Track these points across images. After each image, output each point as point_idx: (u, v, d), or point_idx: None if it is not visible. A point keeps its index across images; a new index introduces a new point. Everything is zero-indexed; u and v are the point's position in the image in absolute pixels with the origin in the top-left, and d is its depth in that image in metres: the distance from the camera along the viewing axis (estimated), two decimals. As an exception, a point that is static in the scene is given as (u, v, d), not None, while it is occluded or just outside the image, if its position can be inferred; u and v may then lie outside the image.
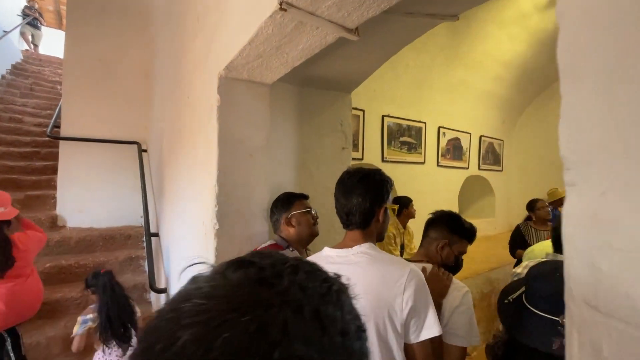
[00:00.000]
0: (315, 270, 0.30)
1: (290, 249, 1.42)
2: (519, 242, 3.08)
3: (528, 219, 3.21)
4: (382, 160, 4.01)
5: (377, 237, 1.01)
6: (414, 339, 0.85)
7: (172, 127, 2.29)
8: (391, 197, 1.03)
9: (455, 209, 5.09)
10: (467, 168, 5.30)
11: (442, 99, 4.66)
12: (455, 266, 1.27)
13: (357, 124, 3.71)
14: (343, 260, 0.92)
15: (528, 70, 5.28)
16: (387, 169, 3.89)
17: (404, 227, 2.99)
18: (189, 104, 1.83)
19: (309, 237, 1.48)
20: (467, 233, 1.31)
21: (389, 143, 4.07)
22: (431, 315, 0.86)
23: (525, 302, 0.91)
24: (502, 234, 5.81)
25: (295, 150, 1.85)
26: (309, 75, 1.76)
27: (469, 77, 4.76)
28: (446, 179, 4.92)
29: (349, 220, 0.98)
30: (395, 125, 4.16)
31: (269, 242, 1.46)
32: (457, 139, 5.06)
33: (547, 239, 2.11)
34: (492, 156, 5.88)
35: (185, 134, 1.88)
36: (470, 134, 5.26)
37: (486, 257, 4.02)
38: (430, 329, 0.85)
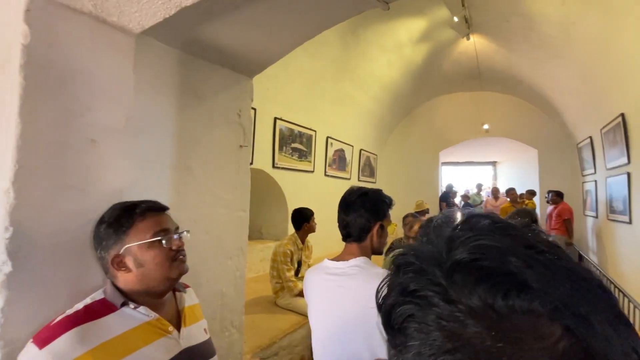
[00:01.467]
0: None
1: (132, 306, 0.76)
2: None
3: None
4: (273, 166, 3.68)
5: (374, 251, 1.09)
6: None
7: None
8: (388, 213, 1.12)
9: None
10: (349, 179, 5.56)
11: (332, 109, 4.73)
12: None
13: (248, 123, 3.27)
14: (340, 272, 1.02)
15: (399, 95, 6.01)
16: (278, 176, 3.56)
17: (303, 242, 2.71)
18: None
19: (163, 283, 0.80)
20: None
21: (280, 148, 3.78)
22: None
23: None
24: (375, 241, 6.33)
25: (170, 140, 1.30)
26: (198, 38, 1.27)
27: (355, 92, 5.01)
28: (332, 189, 4.99)
29: (347, 233, 1.07)
30: (288, 130, 3.91)
31: (89, 300, 0.75)
32: (342, 150, 5.23)
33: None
34: (368, 169, 6.40)
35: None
36: (352, 146, 5.54)
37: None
38: None
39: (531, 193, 6.12)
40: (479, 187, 8.01)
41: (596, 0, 3.04)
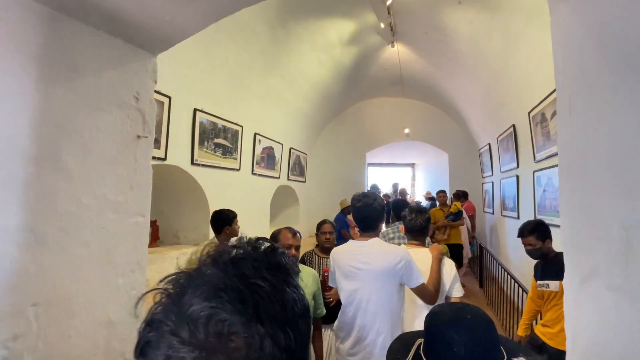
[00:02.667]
0: None
1: None
2: None
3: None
4: (192, 163, 3.30)
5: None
6: (412, 285, 1.59)
7: None
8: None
9: (266, 218, 5.00)
10: (279, 178, 5.38)
11: (260, 105, 4.49)
12: None
13: (161, 113, 2.85)
14: (367, 247, 1.64)
15: (329, 95, 6.05)
16: (198, 174, 3.19)
17: (221, 246, 2.44)
18: None
19: None
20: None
21: (201, 143, 3.41)
22: (415, 272, 1.59)
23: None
24: (304, 240, 6.27)
25: (29, 123, 0.97)
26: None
27: (285, 89, 4.86)
28: (260, 188, 4.75)
29: (366, 226, 1.71)
30: (210, 123, 3.56)
31: None
32: (271, 148, 5.03)
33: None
34: (298, 168, 6.31)
35: None
36: (282, 144, 5.38)
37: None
38: (418, 279, 1.58)
39: (457, 196, 5.95)
40: (395, 186, 8.60)
41: (497, 23, 3.44)
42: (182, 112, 3.16)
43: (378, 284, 1.57)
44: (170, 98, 2.94)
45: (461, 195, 6.06)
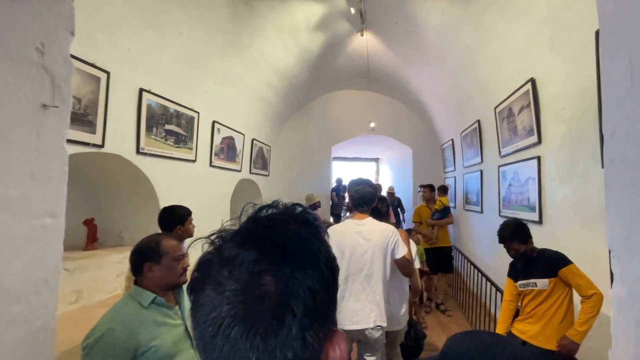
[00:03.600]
0: None
1: None
2: None
3: None
4: (137, 152, 2.84)
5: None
6: (397, 256, 1.92)
7: None
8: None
9: (226, 213, 4.61)
10: (240, 170, 4.99)
11: (219, 90, 4.07)
12: None
13: (96, 90, 2.37)
14: (363, 224, 1.93)
15: (293, 85, 5.73)
16: (145, 164, 2.73)
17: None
18: None
19: None
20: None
21: (148, 129, 2.95)
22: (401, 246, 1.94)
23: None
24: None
25: None
26: None
27: (246, 74, 4.47)
28: (219, 181, 4.34)
29: (362, 207, 2.00)
30: (160, 107, 3.10)
31: None
32: (231, 139, 4.62)
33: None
34: (261, 160, 5.94)
35: None
36: (244, 135, 4.99)
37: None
38: (401, 252, 1.92)
39: (443, 189, 5.12)
40: (338, 181, 8.56)
41: (470, 13, 3.38)
42: (125, 92, 2.69)
43: (378, 256, 1.87)
44: (108, 74, 2.47)
45: (446, 190, 5.19)
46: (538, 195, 2.84)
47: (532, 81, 2.88)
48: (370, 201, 2.00)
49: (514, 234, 1.92)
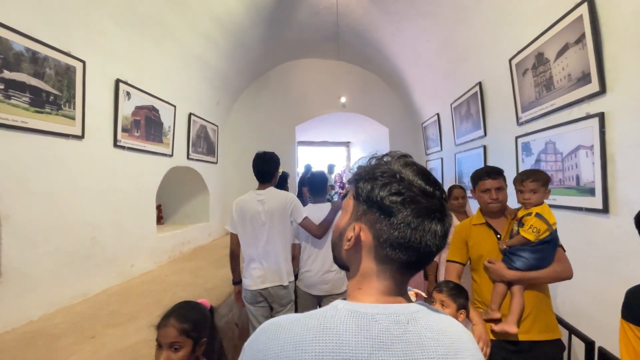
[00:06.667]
0: None
1: None
2: None
3: None
4: None
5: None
6: (298, 221, 2.11)
7: None
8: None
9: (152, 212, 3.32)
10: (171, 155, 3.68)
11: (122, 33, 2.72)
12: None
13: None
14: (265, 195, 2.10)
15: (245, 45, 4.45)
16: None
17: None
18: None
19: None
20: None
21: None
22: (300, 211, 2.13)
23: None
24: (218, 242, 4.70)
25: None
26: None
27: (170, 16, 3.14)
28: (135, 170, 3.02)
29: (263, 179, 2.16)
30: (-15, 36, 1.74)
31: None
32: (154, 109, 3.29)
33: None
34: (205, 143, 4.63)
35: None
36: (174, 106, 3.66)
37: (204, 279, 2.56)
38: (302, 216, 2.11)
39: None
40: (330, 168, 7.54)
41: None
42: None
43: (276, 221, 2.09)
44: None
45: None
46: (602, 171, 1.92)
47: (589, 1, 1.93)
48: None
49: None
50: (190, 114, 4.07)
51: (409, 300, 0.51)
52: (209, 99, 4.60)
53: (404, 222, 0.47)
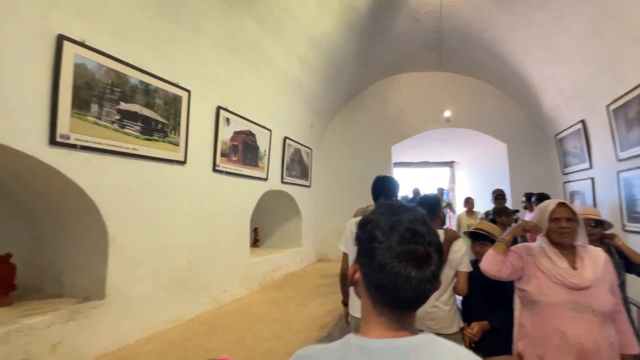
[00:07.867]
0: None
1: None
2: None
3: None
4: (52, 143, 1.64)
5: None
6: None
7: None
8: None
9: (245, 237, 3.28)
10: (266, 179, 3.67)
11: (223, 61, 2.83)
12: None
13: None
14: None
15: (338, 63, 4.32)
16: (70, 164, 1.43)
17: None
18: None
19: None
20: None
21: (81, 106, 1.77)
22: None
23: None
24: (310, 269, 4.48)
25: None
26: None
27: (266, 42, 3.18)
28: (231, 193, 3.05)
29: None
30: (108, 73, 1.91)
31: None
32: (250, 134, 3.34)
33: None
34: (299, 167, 4.58)
35: None
36: (270, 131, 3.69)
37: (295, 315, 2.30)
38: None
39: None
40: (440, 192, 6.66)
41: None
42: (27, 38, 1.53)
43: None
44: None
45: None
46: None
47: None
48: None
49: None
50: (285, 138, 4.07)
51: (414, 333, 0.53)
52: (303, 122, 4.58)
53: (378, 266, 0.50)
